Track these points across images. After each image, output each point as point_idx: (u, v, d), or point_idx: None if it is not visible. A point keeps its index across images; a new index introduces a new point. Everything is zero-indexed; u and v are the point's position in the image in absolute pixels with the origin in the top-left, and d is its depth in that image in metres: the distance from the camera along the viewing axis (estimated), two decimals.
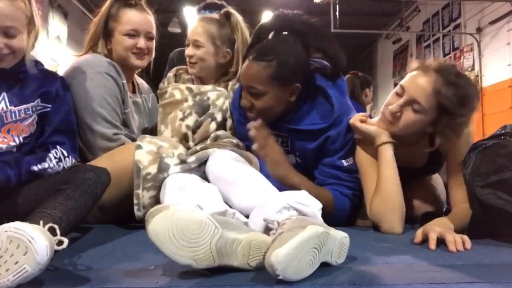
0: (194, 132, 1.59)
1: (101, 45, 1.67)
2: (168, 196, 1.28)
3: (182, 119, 1.59)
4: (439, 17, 7.61)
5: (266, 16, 7.89)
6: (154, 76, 1.91)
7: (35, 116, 1.34)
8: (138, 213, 1.37)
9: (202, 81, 1.74)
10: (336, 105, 1.46)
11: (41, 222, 0.87)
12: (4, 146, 1.28)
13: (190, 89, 1.64)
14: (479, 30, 6.52)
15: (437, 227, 1.17)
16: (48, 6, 6.23)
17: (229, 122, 1.64)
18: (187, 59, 1.72)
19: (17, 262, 0.75)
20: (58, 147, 1.32)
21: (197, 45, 1.67)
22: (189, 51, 1.70)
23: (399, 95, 1.36)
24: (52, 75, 1.41)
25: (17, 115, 1.30)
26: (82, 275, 0.87)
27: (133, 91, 1.79)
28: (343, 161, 1.48)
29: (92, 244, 1.16)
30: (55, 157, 1.29)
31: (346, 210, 1.47)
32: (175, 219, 0.82)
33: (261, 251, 0.90)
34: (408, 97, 1.32)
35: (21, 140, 1.31)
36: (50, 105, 1.36)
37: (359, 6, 8.47)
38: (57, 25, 6.54)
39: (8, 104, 1.29)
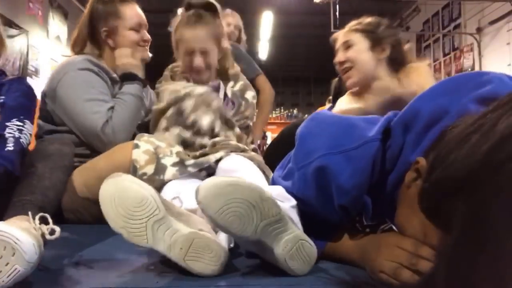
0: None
1: (89, 47, 1.72)
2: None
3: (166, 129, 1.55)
4: (439, 17, 7.61)
5: (266, 17, 7.89)
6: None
7: None
8: None
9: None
10: None
11: (30, 213, 0.88)
12: None
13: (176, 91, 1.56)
14: (479, 30, 6.53)
15: None
16: (48, 6, 6.22)
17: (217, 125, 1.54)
18: (193, 68, 1.60)
19: (7, 264, 0.76)
20: (8, 124, 1.17)
21: (204, 51, 1.57)
22: (198, 61, 1.56)
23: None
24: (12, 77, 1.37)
25: None
26: (82, 275, 0.87)
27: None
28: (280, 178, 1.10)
29: (92, 244, 1.16)
30: (14, 130, 1.16)
31: None
32: (120, 187, 0.83)
33: (204, 253, 0.84)
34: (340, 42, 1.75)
35: None
36: (3, 96, 1.27)
37: (359, 6, 8.47)
38: (57, 25, 6.53)
39: None
